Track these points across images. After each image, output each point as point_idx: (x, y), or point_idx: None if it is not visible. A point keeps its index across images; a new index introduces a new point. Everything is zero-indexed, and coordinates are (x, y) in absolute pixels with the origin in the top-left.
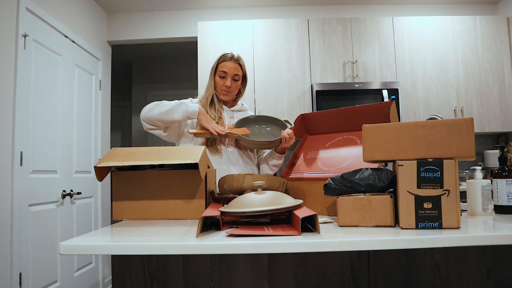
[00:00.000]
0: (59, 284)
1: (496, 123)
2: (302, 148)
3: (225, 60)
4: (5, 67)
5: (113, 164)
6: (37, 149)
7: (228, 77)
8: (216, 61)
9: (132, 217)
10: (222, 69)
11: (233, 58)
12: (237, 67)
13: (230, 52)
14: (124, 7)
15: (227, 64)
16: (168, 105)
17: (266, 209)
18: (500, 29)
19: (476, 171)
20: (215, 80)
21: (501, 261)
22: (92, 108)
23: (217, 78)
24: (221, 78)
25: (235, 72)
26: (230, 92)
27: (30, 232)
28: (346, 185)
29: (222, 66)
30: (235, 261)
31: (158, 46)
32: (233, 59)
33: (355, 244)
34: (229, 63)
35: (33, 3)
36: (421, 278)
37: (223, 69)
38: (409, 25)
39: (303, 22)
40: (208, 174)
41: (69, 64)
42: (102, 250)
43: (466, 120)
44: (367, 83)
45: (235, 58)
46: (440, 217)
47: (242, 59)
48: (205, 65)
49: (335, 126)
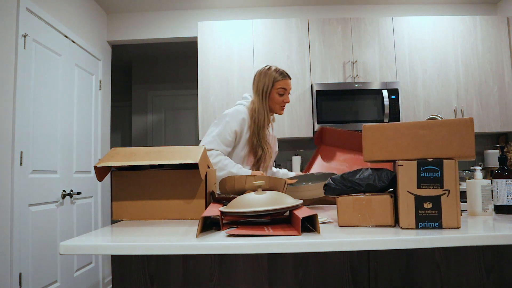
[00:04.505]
0: (59, 284)
1: (496, 123)
2: (316, 156)
3: (284, 78)
4: (5, 67)
5: (113, 164)
6: (37, 149)
7: (287, 93)
8: (271, 81)
9: (132, 217)
10: (281, 87)
11: (288, 75)
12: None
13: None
14: (124, 7)
15: (286, 82)
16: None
17: (266, 209)
18: (500, 29)
19: (476, 171)
20: (274, 98)
21: (501, 261)
22: (92, 108)
23: (275, 96)
24: (280, 95)
25: (291, 87)
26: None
27: (30, 232)
28: (346, 185)
29: (281, 83)
30: (235, 261)
31: (158, 46)
32: (288, 76)
33: (355, 244)
34: (287, 81)
35: (33, 3)
36: (421, 278)
37: (283, 86)
38: (409, 25)
39: (303, 22)
40: (208, 174)
41: (69, 64)
42: (102, 250)
43: (466, 120)
44: (367, 83)
45: (289, 75)
46: (440, 217)
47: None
48: (205, 65)
49: (352, 145)
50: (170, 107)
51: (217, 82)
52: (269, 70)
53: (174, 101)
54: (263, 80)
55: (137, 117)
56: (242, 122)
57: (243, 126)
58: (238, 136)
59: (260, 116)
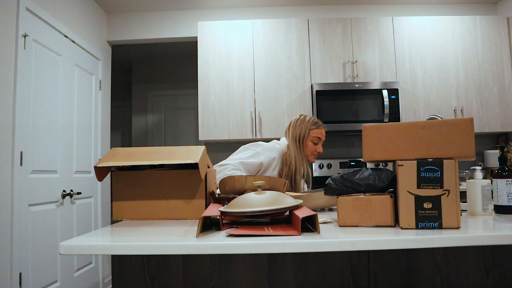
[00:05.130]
0: (59, 284)
1: (496, 123)
2: None
3: (319, 127)
4: (5, 67)
5: (113, 164)
6: (37, 149)
7: (320, 142)
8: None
9: (132, 217)
10: (317, 136)
11: (323, 125)
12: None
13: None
14: (124, 7)
15: (322, 132)
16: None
17: (266, 209)
18: (500, 29)
19: (476, 171)
20: (307, 146)
21: (501, 261)
22: (92, 108)
23: (310, 144)
24: (314, 144)
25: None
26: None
27: (30, 232)
28: (346, 185)
29: (317, 133)
30: (235, 261)
31: (158, 46)
32: (323, 126)
33: (355, 244)
34: (323, 131)
35: (33, 3)
36: (421, 278)
37: (318, 136)
38: (409, 25)
39: (303, 22)
40: (208, 174)
41: (69, 64)
42: (102, 250)
43: (466, 120)
44: (367, 83)
45: (323, 125)
46: (440, 217)
47: None
48: (205, 65)
49: None
50: (170, 107)
51: (217, 82)
52: (305, 119)
53: (174, 101)
54: (299, 128)
55: (137, 117)
56: (272, 160)
57: (271, 164)
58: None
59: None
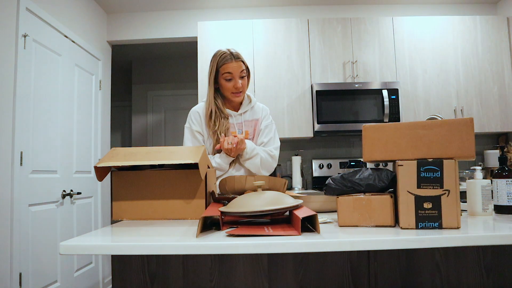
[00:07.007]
0: (59, 284)
1: (496, 123)
2: None
3: (226, 62)
4: (5, 67)
5: (113, 164)
6: (37, 149)
7: (235, 77)
8: (215, 65)
9: (132, 217)
10: (226, 71)
11: (233, 57)
12: (241, 64)
13: (225, 49)
14: (124, 7)
15: (230, 65)
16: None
17: (266, 209)
18: (500, 29)
19: (476, 171)
20: (222, 85)
21: (501, 261)
22: (92, 108)
23: (223, 82)
24: (227, 80)
25: (241, 69)
26: (242, 91)
27: (30, 232)
28: (346, 185)
29: (225, 68)
30: (235, 261)
31: (158, 46)
32: (235, 59)
33: (355, 244)
34: (232, 64)
35: (33, 3)
36: (421, 278)
37: (228, 71)
38: (409, 25)
39: (303, 22)
40: (208, 174)
41: (69, 64)
42: (102, 250)
43: (466, 120)
44: (367, 83)
45: (235, 56)
46: (440, 217)
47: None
48: (205, 65)
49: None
50: (170, 107)
51: None
52: (215, 54)
53: (174, 101)
54: (209, 67)
55: (137, 117)
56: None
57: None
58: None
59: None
